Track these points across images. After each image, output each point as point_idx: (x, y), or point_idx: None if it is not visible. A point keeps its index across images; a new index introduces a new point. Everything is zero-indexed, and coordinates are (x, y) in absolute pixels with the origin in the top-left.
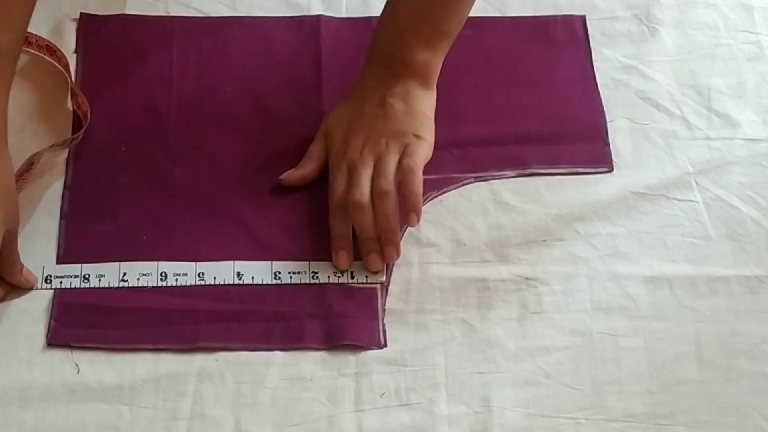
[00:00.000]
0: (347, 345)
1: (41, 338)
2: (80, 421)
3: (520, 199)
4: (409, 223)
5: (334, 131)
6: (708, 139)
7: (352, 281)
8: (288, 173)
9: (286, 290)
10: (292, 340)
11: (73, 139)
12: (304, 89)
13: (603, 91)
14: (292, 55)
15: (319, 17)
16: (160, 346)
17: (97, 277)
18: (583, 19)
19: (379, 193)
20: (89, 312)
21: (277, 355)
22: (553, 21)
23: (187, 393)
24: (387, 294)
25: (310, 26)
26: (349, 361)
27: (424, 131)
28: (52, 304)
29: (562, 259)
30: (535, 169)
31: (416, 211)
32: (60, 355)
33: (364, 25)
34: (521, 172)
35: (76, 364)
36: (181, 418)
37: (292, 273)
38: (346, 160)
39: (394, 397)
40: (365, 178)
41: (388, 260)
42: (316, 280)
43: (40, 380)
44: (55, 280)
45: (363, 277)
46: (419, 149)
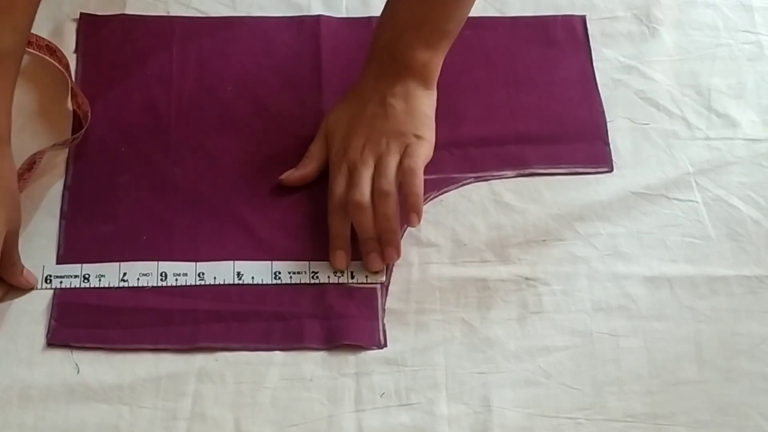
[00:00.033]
0: (347, 345)
1: (41, 338)
2: (80, 421)
3: (520, 199)
4: (410, 223)
5: (334, 131)
6: (708, 139)
7: (352, 281)
8: (288, 173)
9: (286, 290)
10: (292, 340)
11: (74, 139)
12: (304, 89)
13: (603, 91)
14: (292, 55)
15: (319, 17)
16: (160, 346)
17: (97, 277)
18: (583, 19)
19: (380, 194)
20: (89, 312)
21: (277, 355)
22: (553, 21)
23: (187, 393)
24: (387, 294)
25: (310, 26)
26: (349, 361)
27: (425, 131)
28: (52, 304)
29: (562, 259)
30: (535, 169)
31: (417, 211)
32: (60, 355)
33: (364, 25)
34: (521, 172)
35: (76, 364)
36: (181, 418)
37: (292, 273)
38: (346, 160)
39: (394, 397)
40: (366, 178)
41: (389, 260)
42: (316, 280)
43: (40, 380)
44: (55, 280)
45: (363, 277)
46: (420, 149)
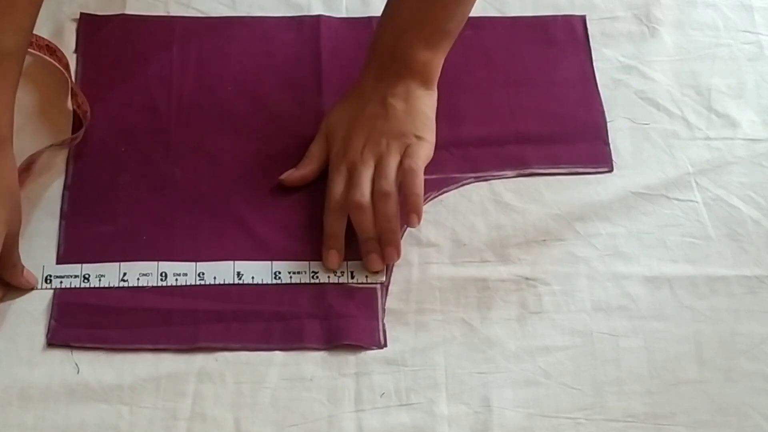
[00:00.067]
0: (347, 345)
1: (41, 338)
2: (80, 421)
3: (520, 199)
4: (410, 224)
5: (334, 131)
6: (708, 139)
7: (352, 281)
8: (288, 173)
9: (286, 290)
10: (292, 340)
11: (72, 139)
12: (304, 89)
13: (603, 91)
14: (292, 55)
15: (319, 17)
16: (160, 346)
17: (97, 277)
18: (583, 19)
19: (380, 194)
20: (89, 312)
21: (277, 355)
22: (553, 21)
23: (187, 393)
24: (387, 294)
25: (310, 26)
26: (349, 361)
27: (425, 132)
28: (52, 304)
29: (562, 259)
30: (535, 169)
31: (417, 212)
32: (60, 355)
33: (364, 25)
34: (521, 172)
35: (76, 364)
36: (181, 418)
37: (292, 273)
38: (346, 161)
39: (394, 397)
40: (366, 178)
41: (389, 261)
42: (316, 280)
43: (40, 380)
44: (55, 280)
45: (363, 277)
46: (420, 150)
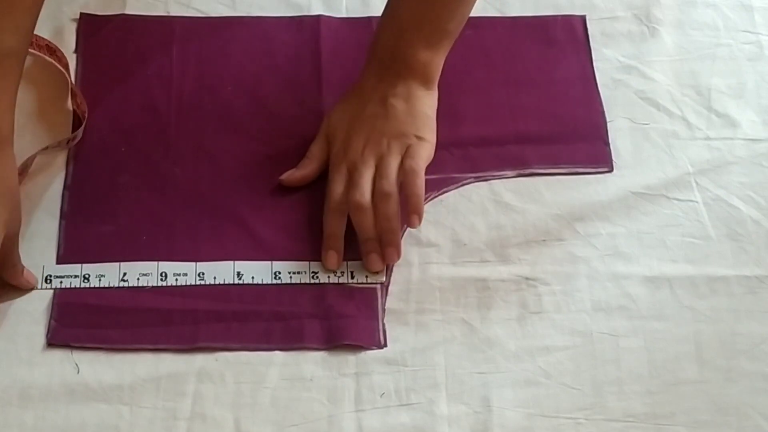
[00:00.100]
0: (347, 345)
1: (41, 338)
2: (80, 421)
3: (520, 199)
4: (411, 225)
5: (335, 131)
6: (708, 139)
7: (352, 281)
8: (288, 173)
9: (286, 290)
10: (292, 340)
11: (69, 140)
12: (304, 89)
13: (603, 91)
14: (292, 55)
15: (319, 17)
16: (160, 346)
17: (97, 277)
18: (583, 19)
19: (381, 195)
20: (89, 312)
21: (277, 355)
22: (553, 21)
23: (187, 393)
24: (387, 294)
25: (310, 26)
26: (349, 361)
27: (426, 132)
28: (52, 304)
29: (562, 259)
30: (535, 169)
31: (418, 213)
32: (60, 355)
33: (364, 25)
34: (521, 172)
35: (76, 364)
36: (181, 418)
37: (292, 273)
38: (346, 161)
39: (394, 397)
40: (366, 178)
41: (389, 261)
42: (316, 280)
43: (40, 380)
44: (55, 280)
45: (363, 277)
46: (421, 150)
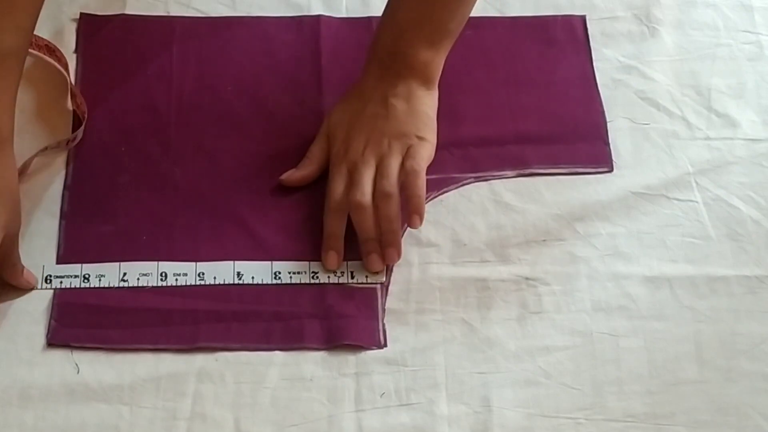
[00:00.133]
0: (347, 345)
1: (41, 338)
2: (80, 421)
3: (520, 199)
4: (413, 225)
5: (335, 131)
6: (708, 139)
7: (352, 281)
8: (288, 174)
9: (286, 290)
10: (292, 340)
11: (69, 141)
12: (304, 89)
13: (603, 91)
14: (292, 55)
15: (319, 17)
16: (160, 346)
17: (97, 277)
18: (583, 19)
19: (382, 195)
20: (89, 312)
21: (277, 355)
22: (553, 21)
23: (187, 393)
24: (387, 294)
25: (310, 26)
26: (349, 361)
27: (427, 132)
28: (52, 304)
29: (562, 259)
30: (535, 169)
31: (419, 213)
32: (60, 355)
33: (364, 25)
34: (521, 172)
35: (76, 364)
36: (181, 418)
37: (292, 273)
38: (346, 161)
39: (394, 397)
40: (367, 178)
41: (389, 261)
42: (316, 280)
43: (40, 380)
44: (55, 280)
45: (363, 277)
46: (422, 151)
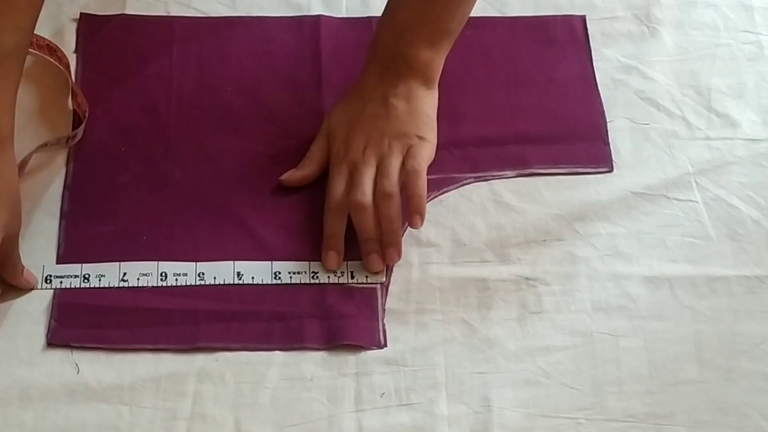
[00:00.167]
0: (347, 345)
1: (41, 338)
2: (80, 421)
3: (520, 199)
4: (414, 226)
5: (335, 131)
6: (708, 139)
7: (352, 281)
8: (289, 174)
9: (286, 290)
10: (292, 340)
11: (68, 139)
12: (304, 89)
13: (603, 91)
14: (292, 55)
15: (319, 17)
16: (160, 346)
17: (97, 277)
18: (583, 19)
19: (383, 195)
20: (89, 312)
21: (277, 355)
22: (553, 21)
23: (187, 393)
24: (387, 294)
25: (310, 26)
26: (349, 361)
27: (427, 132)
28: (52, 304)
29: (562, 259)
30: (535, 169)
31: (420, 213)
32: (60, 355)
33: (364, 25)
34: (521, 172)
35: (76, 364)
36: (181, 418)
37: (292, 273)
38: (347, 161)
39: (394, 397)
40: (367, 178)
41: (390, 262)
42: (316, 280)
43: (40, 380)
44: (55, 280)
45: (363, 277)
46: (423, 151)
